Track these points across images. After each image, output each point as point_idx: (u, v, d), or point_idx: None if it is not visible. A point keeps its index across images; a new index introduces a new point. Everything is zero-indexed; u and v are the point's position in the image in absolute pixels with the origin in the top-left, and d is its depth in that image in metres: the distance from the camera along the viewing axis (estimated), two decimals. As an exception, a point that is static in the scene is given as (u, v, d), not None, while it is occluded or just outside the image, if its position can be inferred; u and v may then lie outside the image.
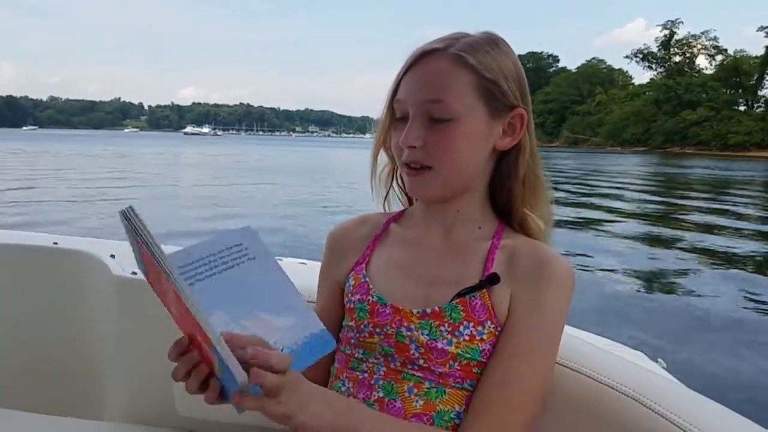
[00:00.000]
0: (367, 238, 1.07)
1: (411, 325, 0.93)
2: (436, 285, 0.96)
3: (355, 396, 0.94)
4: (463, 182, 0.97)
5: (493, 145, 0.96)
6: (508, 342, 0.90)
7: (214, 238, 0.82)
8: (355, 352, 0.97)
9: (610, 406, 0.90)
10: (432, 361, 0.91)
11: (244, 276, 0.80)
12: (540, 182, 0.99)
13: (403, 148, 0.94)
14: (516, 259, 0.95)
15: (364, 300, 0.98)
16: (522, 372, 0.88)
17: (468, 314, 0.91)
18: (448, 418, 0.90)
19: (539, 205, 1.00)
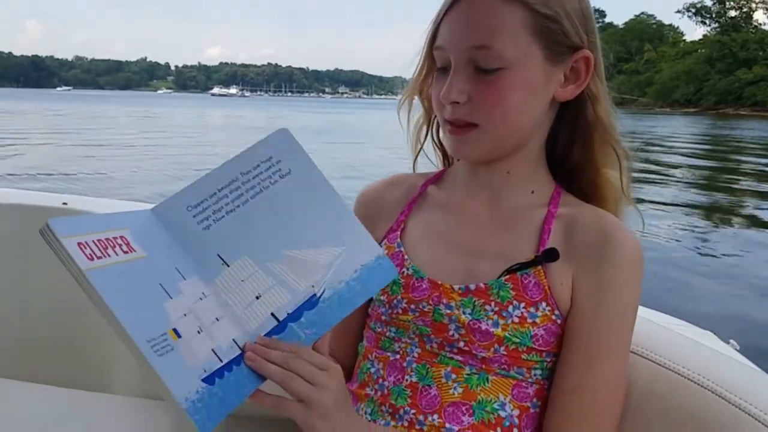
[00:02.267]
0: (401, 201, 0.97)
1: (451, 303, 0.83)
2: (481, 258, 0.86)
3: (385, 379, 0.86)
4: (516, 140, 0.86)
5: (552, 95, 0.84)
6: (578, 341, 0.81)
7: (239, 156, 0.71)
8: (386, 331, 0.89)
9: (683, 397, 0.81)
10: (474, 344, 0.82)
11: (274, 201, 0.71)
12: (613, 139, 0.87)
13: (445, 104, 0.83)
14: (575, 231, 0.84)
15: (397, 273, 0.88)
16: (598, 376, 0.79)
17: (519, 293, 0.82)
18: (490, 409, 0.81)
19: (611, 167, 0.88)
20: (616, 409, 0.80)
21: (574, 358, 0.80)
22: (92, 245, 0.60)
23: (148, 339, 0.59)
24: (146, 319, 0.60)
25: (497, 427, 0.81)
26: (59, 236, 0.57)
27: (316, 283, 0.69)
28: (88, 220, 0.63)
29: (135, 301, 0.61)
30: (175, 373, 0.59)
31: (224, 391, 0.63)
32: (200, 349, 0.64)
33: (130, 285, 0.62)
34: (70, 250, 0.58)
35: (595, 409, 0.78)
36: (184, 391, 0.59)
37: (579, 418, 0.78)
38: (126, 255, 0.63)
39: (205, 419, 0.59)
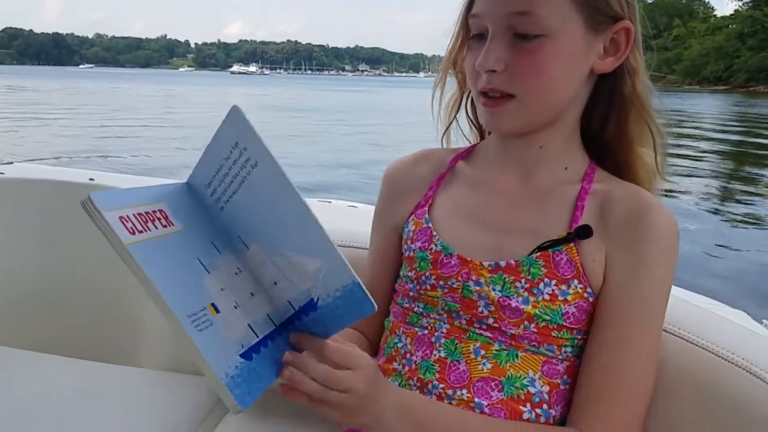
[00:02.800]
0: (429, 176, 0.96)
1: (480, 279, 0.83)
2: (511, 234, 0.86)
3: (413, 354, 0.87)
4: (552, 112, 0.84)
5: (590, 67, 0.83)
6: (610, 319, 0.80)
7: (213, 140, 0.64)
8: (414, 306, 0.89)
9: (715, 375, 0.81)
10: (504, 320, 0.82)
11: (254, 194, 0.64)
12: (648, 115, 0.86)
13: (481, 73, 0.82)
14: (610, 208, 0.83)
15: (425, 248, 0.89)
16: (630, 355, 0.79)
17: (550, 270, 0.81)
18: (519, 385, 0.81)
19: (647, 143, 0.87)
20: (647, 387, 0.79)
21: (606, 336, 0.79)
22: (133, 219, 0.59)
23: (189, 314, 0.58)
24: (186, 293, 0.60)
25: (527, 403, 0.81)
26: (101, 210, 0.56)
27: (311, 288, 0.64)
28: (127, 194, 0.62)
29: (175, 276, 0.60)
30: (215, 348, 0.59)
31: (261, 365, 0.63)
32: (237, 323, 0.63)
33: (170, 259, 0.61)
34: (113, 224, 0.57)
35: (626, 387, 0.78)
36: (224, 366, 0.59)
37: (609, 395, 0.78)
38: (165, 229, 0.62)
39: (245, 394, 0.59)
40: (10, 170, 1.71)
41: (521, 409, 0.81)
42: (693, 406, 0.83)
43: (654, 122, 0.86)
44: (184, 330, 0.57)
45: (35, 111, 17.58)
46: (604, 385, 0.78)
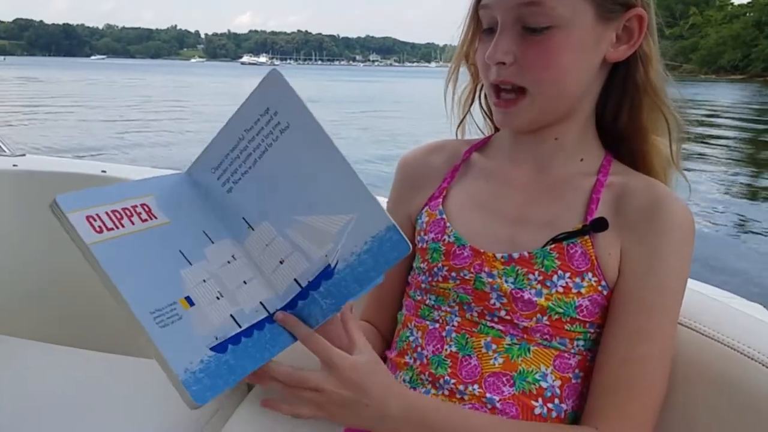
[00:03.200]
0: (444, 168, 0.96)
1: (493, 271, 0.83)
2: (525, 226, 0.86)
3: (424, 348, 0.87)
4: (565, 105, 0.84)
5: (603, 56, 0.82)
6: (626, 312, 0.79)
7: (239, 111, 0.67)
8: (426, 299, 0.89)
9: (731, 369, 0.80)
10: (516, 313, 0.82)
11: (278, 161, 0.65)
12: (663, 103, 0.85)
13: (490, 65, 0.82)
14: (625, 201, 0.83)
15: (438, 240, 0.89)
16: (646, 348, 0.78)
17: (564, 263, 0.81)
18: (531, 380, 0.81)
19: (662, 132, 0.86)
20: (662, 380, 0.79)
21: (621, 330, 0.79)
22: (103, 217, 0.60)
23: (153, 310, 0.59)
24: (155, 289, 0.60)
25: (538, 398, 0.81)
26: (65, 211, 0.58)
27: (329, 253, 0.65)
28: (102, 192, 0.62)
29: (145, 272, 0.61)
30: (177, 343, 0.59)
31: (237, 357, 0.62)
32: (216, 315, 0.63)
33: (142, 255, 0.61)
34: (76, 225, 0.58)
35: (640, 381, 0.78)
36: (184, 361, 0.58)
37: (625, 389, 0.78)
38: (145, 223, 0.63)
39: (205, 389, 0.59)
40: (23, 162, 1.73)
41: (533, 404, 0.81)
42: (709, 399, 0.83)
43: (669, 111, 0.85)
44: (142, 326, 0.57)
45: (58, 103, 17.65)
46: (620, 380, 0.78)
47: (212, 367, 0.60)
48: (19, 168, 1.65)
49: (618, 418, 0.77)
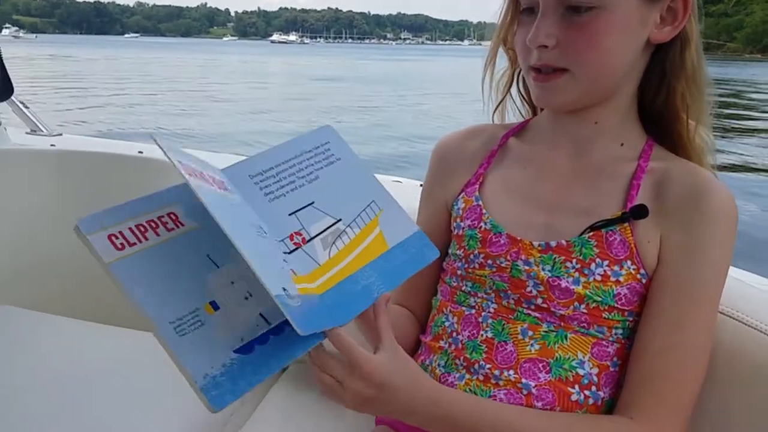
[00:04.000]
0: (480, 153, 0.96)
1: (530, 259, 0.84)
2: (563, 213, 0.86)
3: (460, 333, 0.88)
4: (607, 87, 0.83)
5: (647, 37, 0.81)
6: (664, 302, 0.79)
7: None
8: (462, 285, 0.90)
9: None
10: (553, 301, 0.82)
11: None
12: (704, 86, 0.84)
13: (531, 49, 0.81)
14: (666, 187, 0.82)
15: (475, 227, 0.89)
16: (685, 339, 0.78)
17: (602, 251, 0.81)
18: (568, 367, 0.82)
19: (702, 116, 0.85)
20: (698, 372, 0.79)
21: (658, 319, 0.79)
22: (126, 234, 0.63)
23: (173, 320, 0.61)
24: (177, 298, 0.62)
25: (575, 385, 0.82)
26: (85, 233, 0.61)
27: None
28: (127, 207, 0.65)
29: (167, 282, 0.63)
30: (198, 350, 0.61)
31: (264, 356, 0.64)
32: (244, 315, 0.65)
33: (166, 265, 0.64)
34: (95, 245, 0.61)
35: (678, 371, 0.78)
36: (204, 367, 0.61)
37: (662, 379, 0.78)
38: (171, 233, 0.66)
39: (225, 393, 0.60)
40: (61, 142, 1.77)
41: (569, 391, 0.82)
42: (748, 390, 0.83)
43: (705, 94, 0.85)
44: (162, 338, 0.60)
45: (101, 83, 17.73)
46: (656, 369, 0.78)
47: (235, 369, 0.62)
48: (56, 148, 1.69)
49: (654, 408, 0.77)
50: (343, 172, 0.78)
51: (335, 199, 0.75)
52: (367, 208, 0.77)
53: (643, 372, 0.79)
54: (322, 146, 0.78)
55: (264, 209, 0.71)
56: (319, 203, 0.74)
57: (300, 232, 0.72)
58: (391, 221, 0.77)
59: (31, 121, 1.87)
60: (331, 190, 0.75)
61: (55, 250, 1.67)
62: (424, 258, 0.77)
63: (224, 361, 0.62)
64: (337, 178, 0.77)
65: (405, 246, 0.76)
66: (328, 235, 0.73)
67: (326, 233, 0.73)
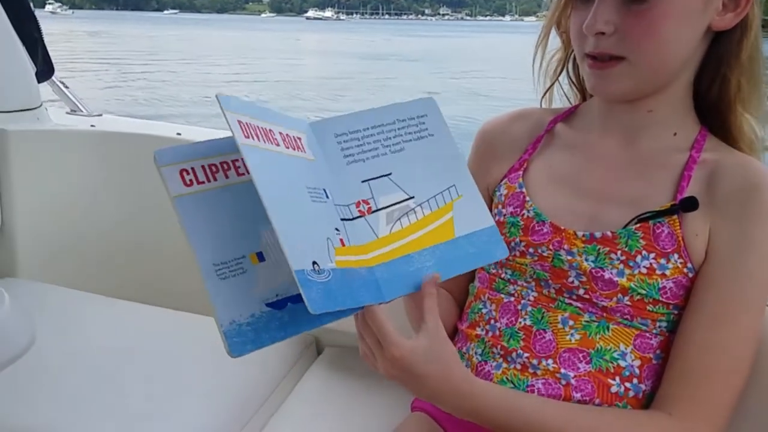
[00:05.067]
0: (526, 138, 0.96)
1: (573, 249, 0.83)
2: (608, 203, 0.85)
3: (497, 321, 0.88)
4: (665, 75, 0.82)
5: (708, 25, 0.79)
6: (709, 297, 0.78)
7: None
8: (501, 272, 0.91)
9: None
10: (595, 292, 0.82)
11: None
12: (762, 77, 0.82)
13: (587, 36, 0.80)
14: (718, 180, 0.81)
15: (517, 214, 0.89)
16: (728, 336, 0.77)
17: (649, 243, 0.80)
18: (609, 358, 0.82)
19: (756, 105, 0.83)
20: (743, 369, 0.78)
21: (704, 315, 0.78)
22: (198, 171, 0.66)
23: (217, 262, 0.64)
24: (227, 242, 0.65)
25: (615, 377, 0.82)
26: (159, 164, 0.64)
27: None
28: (202, 146, 0.68)
29: (223, 225, 0.65)
30: (232, 295, 0.63)
31: (294, 315, 0.66)
32: (284, 273, 0.64)
33: (226, 208, 0.66)
34: (166, 177, 0.64)
35: (720, 369, 0.77)
36: (233, 313, 0.63)
37: (703, 376, 0.77)
38: (240, 177, 0.68)
39: (246, 342, 0.62)
40: (100, 123, 1.81)
41: (610, 383, 0.82)
42: None
43: (762, 85, 0.83)
44: (202, 275, 0.63)
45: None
46: (697, 366, 0.78)
47: (262, 322, 0.64)
48: (96, 129, 1.73)
49: (693, 405, 0.77)
50: (431, 148, 0.76)
51: (414, 175, 0.75)
52: (445, 192, 0.75)
53: (683, 367, 0.79)
54: (418, 118, 0.77)
55: (338, 171, 0.73)
56: (396, 176, 0.74)
57: (368, 201, 0.72)
58: (466, 210, 0.75)
59: (71, 101, 1.91)
60: (412, 165, 0.75)
61: (95, 229, 1.72)
62: (490, 255, 0.76)
63: (254, 311, 0.64)
64: (422, 154, 0.76)
65: (473, 238, 0.74)
66: (395, 210, 0.73)
67: (394, 208, 0.73)
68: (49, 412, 1.12)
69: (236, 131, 0.61)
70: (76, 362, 1.25)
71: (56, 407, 1.13)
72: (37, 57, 1.74)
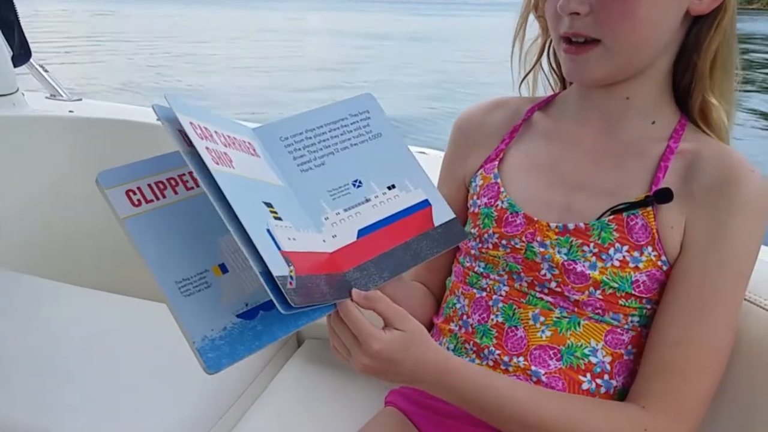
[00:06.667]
0: (503, 128, 0.96)
1: (546, 241, 0.83)
2: (584, 193, 0.85)
3: (470, 317, 0.89)
4: (642, 59, 0.81)
5: (686, 8, 0.79)
6: (684, 291, 0.78)
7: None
8: (475, 266, 0.91)
9: None
10: (567, 285, 0.82)
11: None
12: (733, 61, 0.82)
13: (562, 16, 0.79)
14: (696, 171, 0.80)
15: (491, 205, 0.89)
16: (703, 330, 0.77)
17: (623, 235, 0.80)
18: (580, 355, 0.82)
19: (726, 92, 0.83)
20: (717, 366, 0.78)
21: (678, 310, 0.78)
22: (145, 190, 0.65)
23: (179, 279, 0.63)
24: (186, 258, 0.64)
25: (587, 373, 0.82)
26: (104, 187, 0.63)
27: None
28: (148, 163, 0.67)
29: (178, 241, 0.65)
30: (200, 311, 0.63)
31: (267, 323, 0.66)
32: (250, 281, 0.66)
33: (179, 224, 0.66)
34: (112, 200, 0.63)
35: (694, 365, 0.77)
36: (204, 329, 0.62)
37: (677, 372, 0.77)
38: (190, 191, 0.67)
39: (222, 357, 0.62)
40: (79, 107, 1.81)
41: (581, 379, 0.82)
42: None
43: (733, 71, 0.83)
44: (165, 296, 0.62)
45: None
46: (672, 361, 0.78)
47: (235, 333, 0.64)
48: (74, 114, 1.73)
49: (668, 400, 0.77)
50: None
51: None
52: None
53: (658, 363, 0.79)
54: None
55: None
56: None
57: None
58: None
59: (51, 85, 1.91)
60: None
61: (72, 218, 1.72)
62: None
63: (225, 324, 0.64)
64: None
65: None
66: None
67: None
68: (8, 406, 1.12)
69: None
70: (35, 350, 1.26)
71: (16, 399, 1.13)
72: (14, 41, 1.74)
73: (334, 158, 0.75)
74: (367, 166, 0.77)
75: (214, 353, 0.62)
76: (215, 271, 0.66)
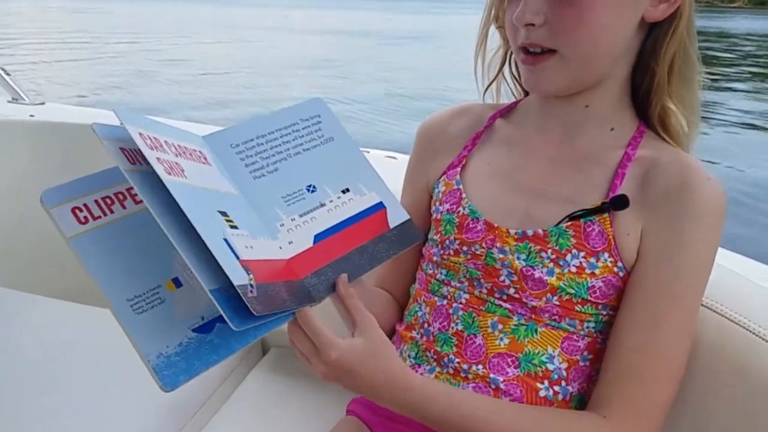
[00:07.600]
0: (465, 134, 0.97)
1: (505, 247, 0.85)
2: (543, 200, 0.87)
3: (431, 325, 0.90)
4: (600, 68, 0.82)
5: (641, 16, 0.80)
6: (641, 297, 0.80)
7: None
8: (437, 272, 0.92)
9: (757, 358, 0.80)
10: (525, 291, 0.83)
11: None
12: (693, 66, 0.84)
13: (519, 28, 0.81)
14: (653, 178, 0.82)
15: (453, 211, 0.90)
16: (660, 337, 0.79)
17: (579, 241, 0.82)
18: (537, 362, 0.83)
19: (686, 98, 0.85)
20: (675, 373, 0.80)
21: (636, 317, 0.80)
22: (91, 206, 0.64)
23: (131, 297, 0.62)
24: (137, 274, 0.64)
25: (544, 380, 0.83)
26: (48, 207, 0.62)
27: None
28: (95, 178, 0.66)
29: (128, 258, 0.64)
30: (153, 328, 0.62)
31: (224, 336, 0.65)
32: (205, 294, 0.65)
33: (130, 240, 0.65)
34: (57, 219, 0.62)
35: (652, 372, 0.79)
36: (159, 346, 0.62)
37: (636, 379, 0.79)
38: (138, 206, 0.66)
39: (179, 373, 0.61)
40: (41, 111, 1.79)
41: (538, 386, 0.83)
42: (728, 389, 0.83)
43: (694, 78, 0.84)
44: (115, 315, 0.61)
45: None
46: (631, 368, 0.79)
47: (192, 348, 0.63)
48: (34, 119, 1.71)
49: (627, 407, 0.79)
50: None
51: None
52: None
53: (616, 370, 0.80)
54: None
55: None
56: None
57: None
58: None
59: (13, 89, 1.89)
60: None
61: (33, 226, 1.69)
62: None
63: (181, 339, 0.63)
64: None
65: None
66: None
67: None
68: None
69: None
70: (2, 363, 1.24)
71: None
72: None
73: (286, 164, 0.76)
74: (321, 170, 0.78)
75: (170, 370, 0.61)
76: (168, 285, 0.65)
